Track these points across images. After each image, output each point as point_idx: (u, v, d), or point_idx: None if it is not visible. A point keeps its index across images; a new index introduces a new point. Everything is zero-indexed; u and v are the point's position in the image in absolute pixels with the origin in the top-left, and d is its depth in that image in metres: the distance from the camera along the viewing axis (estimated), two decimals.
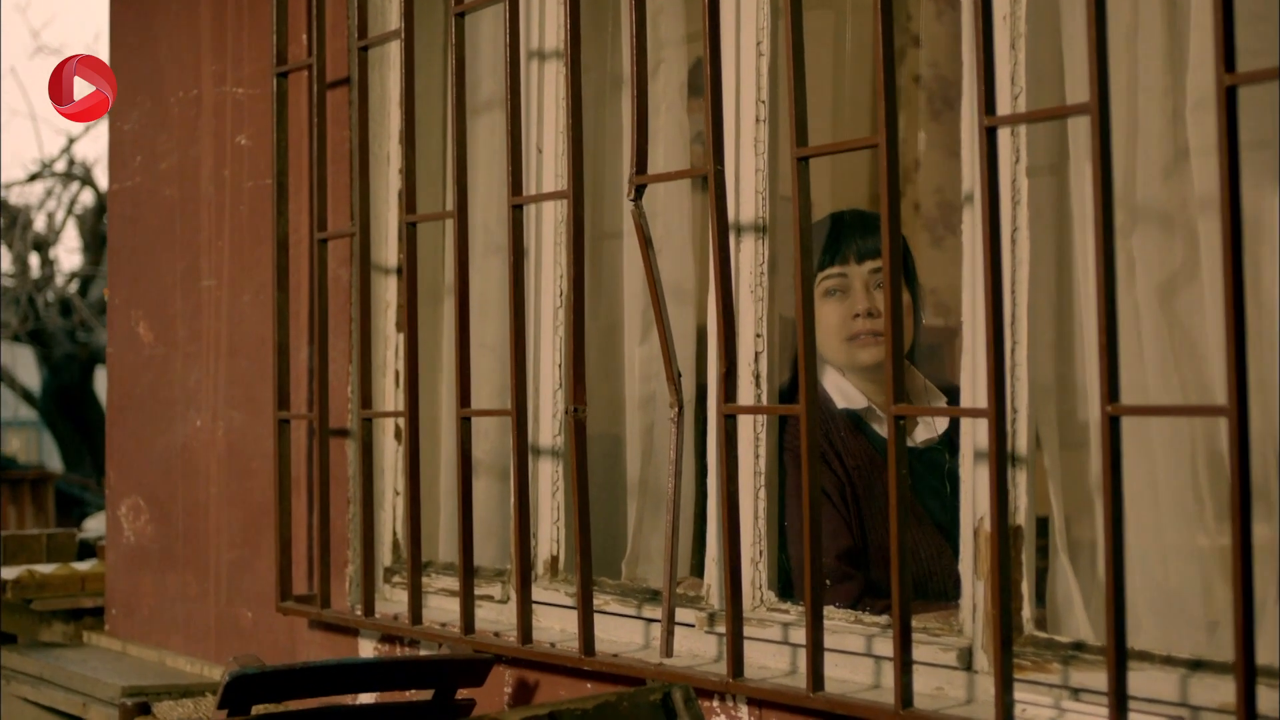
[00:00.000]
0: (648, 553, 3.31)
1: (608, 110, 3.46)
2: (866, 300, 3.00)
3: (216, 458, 4.11)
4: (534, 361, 3.26)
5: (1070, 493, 2.46)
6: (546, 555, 3.23)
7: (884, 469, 2.96)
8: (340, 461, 3.64)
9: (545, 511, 3.23)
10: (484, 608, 3.30)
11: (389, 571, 3.61)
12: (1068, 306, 2.51)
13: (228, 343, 4.08)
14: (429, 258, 3.66)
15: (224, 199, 4.11)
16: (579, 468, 2.85)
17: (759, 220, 2.82)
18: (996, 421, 2.19)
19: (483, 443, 3.54)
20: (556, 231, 3.26)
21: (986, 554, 2.42)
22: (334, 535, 3.63)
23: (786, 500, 2.88)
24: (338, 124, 3.66)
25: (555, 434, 3.23)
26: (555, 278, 3.25)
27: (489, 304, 3.58)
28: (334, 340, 3.65)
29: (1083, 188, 2.45)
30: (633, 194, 2.74)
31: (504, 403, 3.50)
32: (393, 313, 3.62)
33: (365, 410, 3.41)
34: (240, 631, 3.98)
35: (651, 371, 3.34)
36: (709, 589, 2.88)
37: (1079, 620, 2.42)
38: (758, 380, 2.82)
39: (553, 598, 3.17)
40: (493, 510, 3.53)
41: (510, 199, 2.97)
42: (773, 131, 2.83)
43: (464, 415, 3.09)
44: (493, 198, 3.61)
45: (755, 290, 2.82)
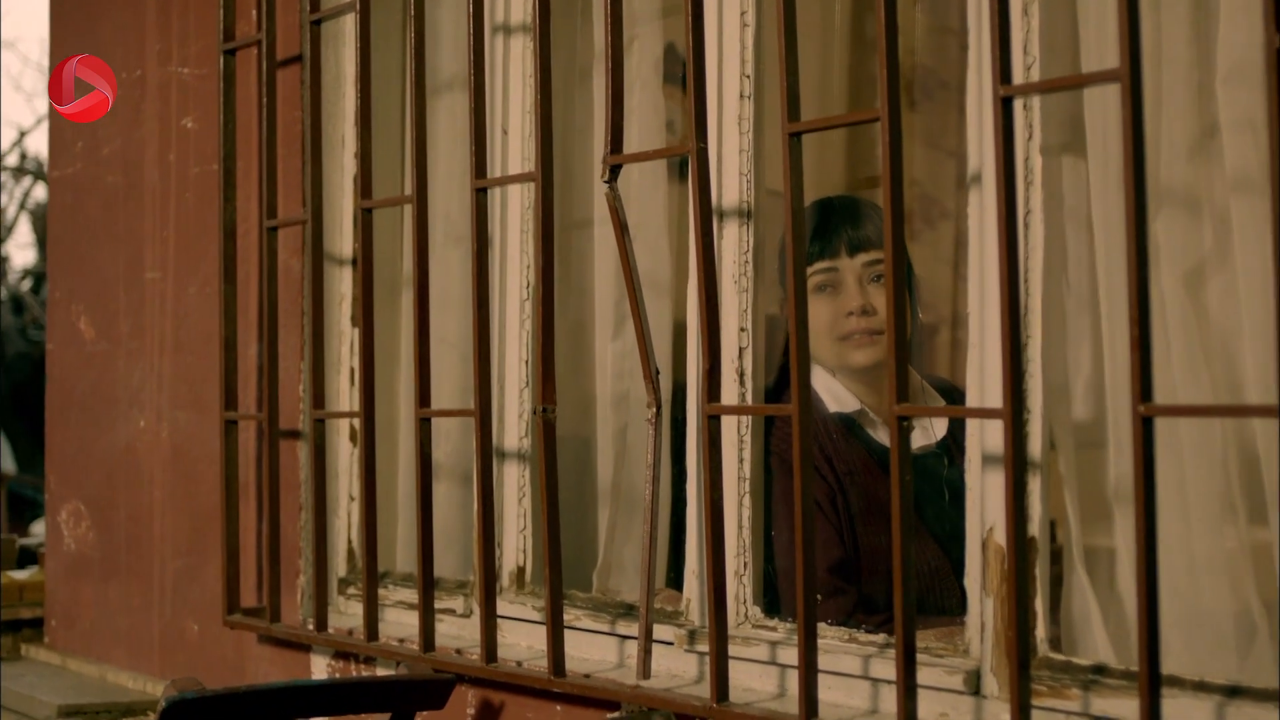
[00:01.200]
0: (621, 563, 3.09)
1: (577, 92, 3.24)
2: (860, 296, 2.78)
3: (161, 461, 3.88)
4: (499, 358, 3.04)
5: (1088, 500, 2.25)
6: (512, 566, 3.01)
7: (878, 475, 2.75)
8: (291, 465, 3.42)
9: (511, 519, 3.02)
10: (445, 622, 3.08)
11: (344, 582, 3.38)
12: (1085, 297, 2.30)
13: (173, 338, 3.85)
14: (386, 247, 3.44)
15: (169, 186, 3.87)
16: (548, 472, 2.63)
17: (743, 204, 2.61)
18: (1013, 423, 1.98)
19: (444, 445, 3.32)
20: (523, 219, 3.04)
21: (997, 568, 2.21)
22: (285, 544, 3.40)
23: (773, 508, 2.66)
24: (289, 105, 3.43)
25: (522, 436, 3.01)
26: (522, 268, 3.03)
27: (450, 297, 3.36)
28: (284, 336, 3.42)
29: (1104, 167, 2.25)
30: (607, 175, 2.52)
31: (466, 402, 3.28)
32: (347, 306, 3.39)
33: (318, 410, 3.18)
34: (186, 646, 3.75)
35: (625, 369, 3.12)
36: (689, 604, 2.66)
37: (1098, 640, 2.21)
38: (741, 378, 2.60)
39: (519, 612, 2.95)
40: (454, 517, 3.31)
41: (474, 182, 2.75)
42: (758, 108, 2.62)
43: (423, 415, 2.87)
44: (454, 184, 3.40)
45: (739, 281, 2.61)
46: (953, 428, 2.85)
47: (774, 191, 2.89)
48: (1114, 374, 2.23)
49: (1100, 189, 2.26)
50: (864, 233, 2.83)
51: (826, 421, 2.78)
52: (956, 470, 2.84)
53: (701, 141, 2.40)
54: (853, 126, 2.89)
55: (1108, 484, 2.24)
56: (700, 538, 2.63)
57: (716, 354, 2.40)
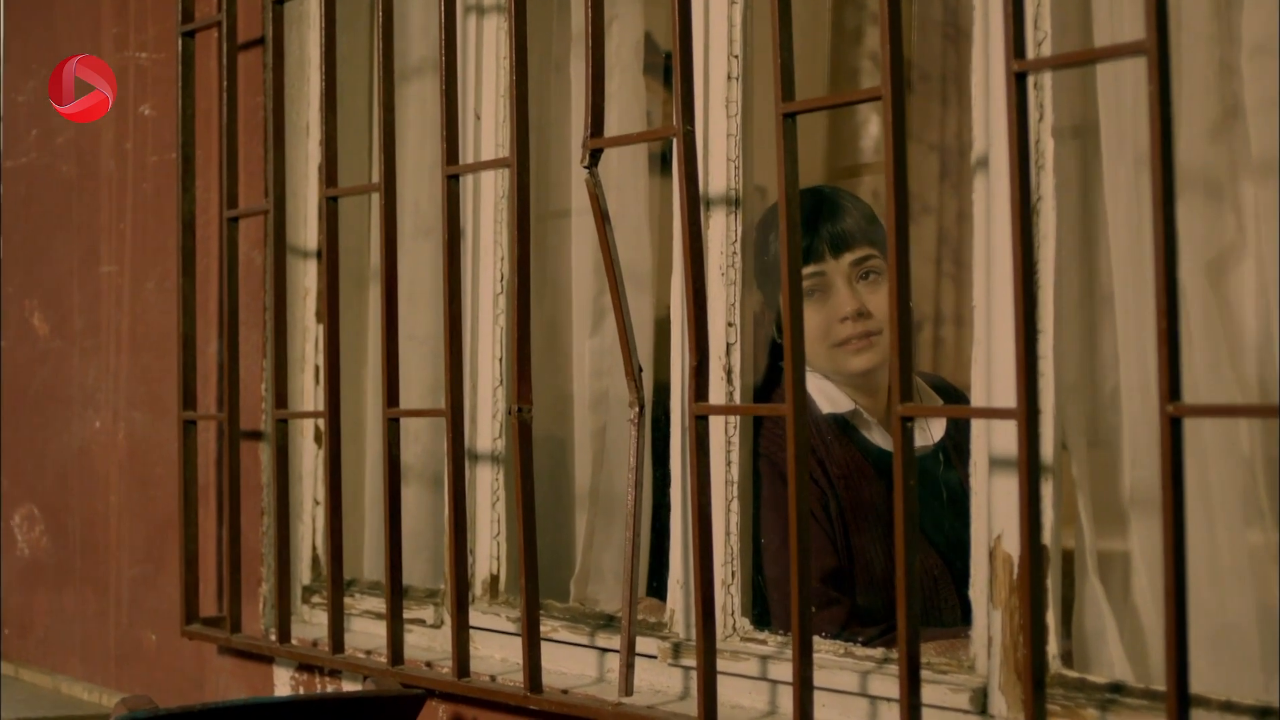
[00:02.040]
0: (599, 571, 2.94)
1: (553, 80, 3.08)
2: (853, 299, 2.63)
3: (117, 463, 3.71)
4: (471, 355, 2.88)
5: (1102, 506, 2.11)
6: (485, 574, 2.86)
7: (873, 479, 2.61)
8: (253, 467, 3.26)
9: (484, 524, 2.86)
10: (414, 633, 2.93)
11: (308, 591, 3.23)
12: (1097, 290, 2.16)
13: (129, 335, 3.68)
14: (353, 239, 3.28)
15: (126, 176, 3.71)
16: (524, 475, 2.48)
17: (730, 192, 2.46)
18: (1028, 423, 1.84)
19: (413, 446, 3.17)
20: (497, 209, 2.89)
21: (1005, 578, 2.07)
22: (246, 550, 3.24)
23: (762, 513, 2.52)
24: (250, 90, 3.27)
25: (495, 437, 2.86)
26: (495, 260, 2.88)
27: (420, 291, 3.21)
28: (245, 332, 3.26)
29: (1117, 150, 2.10)
30: (587, 160, 2.37)
31: (437, 401, 3.13)
32: (312, 300, 3.24)
33: (281, 410, 3.02)
34: (143, 656, 3.58)
35: (604, 366, 2.97)
36: (673, 615, 2.51)
37: (1113, 656, 2.07)
38: (729, 376, 2.46)
39: (492, 623, 2.80)
40: (424, 522, 3.15)
41: (445, 168, 2.59)
42: (747, 90, 2.47)
43: (392, 416, 2.72)
44: (424, 173, 3.24)
45: (726, 273, 2.46)
46: (951, 428, 2.71)
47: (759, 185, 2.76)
48: (1129, 371, 2.09)
49: (1113, 174, 2.11)
50: (844, 228, 2.67)
51: (819, 423, 2.64)
52: (954, 473, 2.70)
53: (689, 124, 2.25)
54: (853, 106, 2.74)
55: (1122, 488, 2.10)
56: (686, 545, 2.48)
57: (704, 350, 2.25)
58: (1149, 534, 2.05)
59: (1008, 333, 2.05)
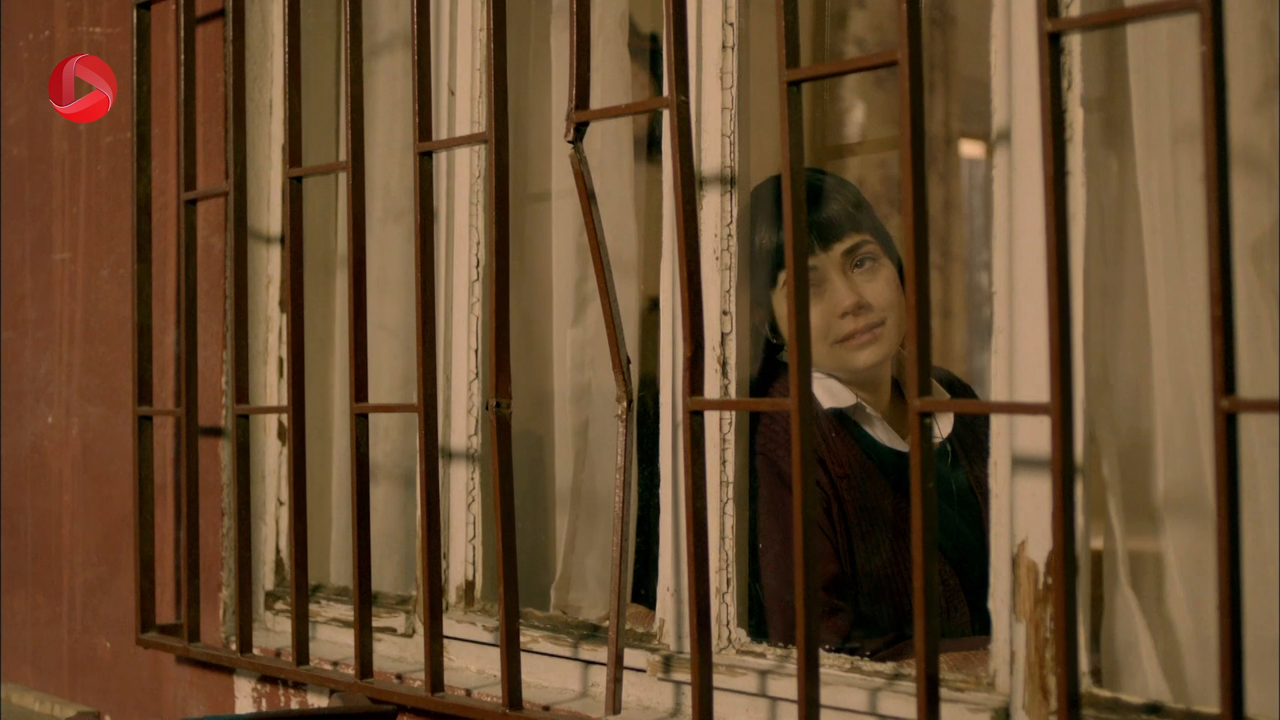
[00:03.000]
0: (581, 576, 2.76)
1: (531, 54, 2.90)
2: (851, 293, 2.45)
3: (70, 460, 3.52)
4: (445, 346, 2.70)
5: (1133, 508, 1.94)
6: (460, 580, 2.68)
7: (877, 478, 2.44)
8: (213, 466, 3.07)
9: (459, 527, 2.68)
10: (384, 642, 2.75)
11: (271, 596, 3.04)
12: (1124, 274, 1.99)
13: (83, 326, 3.49)
14: (319, 223, 3.11)
15: (79, 158, 3.51)
16: (502, 474, 2.30)
17: (725, 170, 2.29)
18: (1062, 420, 1.67)
19: (383, 443, 2.99)
20: (473, 190, 2.70)
21: (1030, 588, 1.90)
22: (205, 553, 3.05)
23: (759, 516, 2.35)
24: (210, 65, 3.08)
25: (471, 433, 2.68)
26: (471, 244, 2.70)
27: (390, 278, 3.03)
28: (205, 321, 3.08)
29: (1148, 121, 1.93)
30: (571, 134, 2.19)
31: (409, 396, 2.95)
32: (275, 288, 3.05)
33: (242, 405, 2.84)
34: (97, 665, 3.39)
35: (586, 358, 2.79)
36: (662, 625, 2.34)
37: (1148, 673, 1.90)
38: (724, 368, 2.28)
39: (468, 632, 2.62)
40: (395, 524, 2.97)
41: (417, 145, 2.41)
42: (743, 61, 2.29)
43: (360, 411, 2.53)
44: (394, 155, 3.06)
45: (720, 257, 2.29)
46: (958, 425, 2.54)
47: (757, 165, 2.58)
48: (1163, 363, 1.92)
49: (1145, 147, 1.94)
50: (831, 215, 2.49)
51: (819, 418, 2.46)
52: (962, 472, 2.54)
53: (683, 94, 2.07)
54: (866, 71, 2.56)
55: (1155, 489, 1.93)
56: (677, 550, 2.31)
57: (699, 340, 2.07)
58: (1186, 538, 1.89)
59: (1034, 320, 1.89)
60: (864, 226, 2.48)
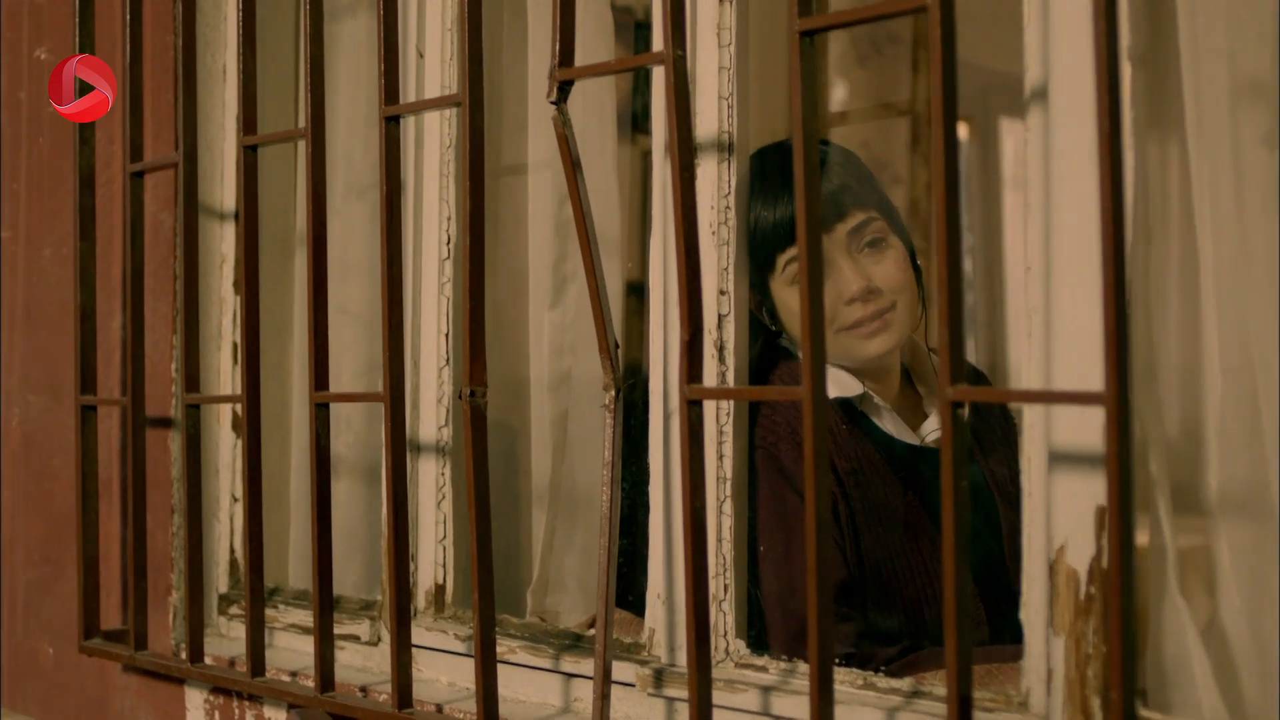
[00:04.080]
0: (560, 579, 2.56)
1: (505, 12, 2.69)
2: (858, 276, 2.24)
3: (10, 453, 3.29)
4: (413, 330, 2.50)
5: (1183, 509, 1.75)
6: (429, 584, 2.47)
7: (887, 474, 2.24)
8: (162, 459, 2.85)
9: (428, 526, 2.48)
10: (347, 651, 2.54)
11: (225, 600, 2.83)
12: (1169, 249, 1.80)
13: (24, 310, 3.26)
14: (277, 202, 2.90)
15: (20, 130, 3.28)
16: (476, 469, 2.09)
17: (722, 136, 2.08)
18: (1119, 410, 1.47)
19: (345, 435, 2.78)
20: (443, 162, 2.50)
21: (1069, 598, 1.70)
22: (154, 554, 2.84)
23: (759, 516, 2.15)
24: (159, 28, 2.86)
25: (441, 424, 2.48)
26: (441, 220, 2.49)
27: (353, 259, 2.82)
28: (153, 304, 2.86)
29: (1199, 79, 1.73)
30: (554, 94, 1.98)
31: (373, 384, 2.74)
32: (229, 268, 2.84)
33: (192, 394, 2.62)
34: (38, 673, 3.17)
35: (565, 343, 2.59)
36: (652, 635, 2.14)
37: (1201, 692, 1.70)
38: (721, 353, 2.08)
39: (438, 640, 2.41)
40: (358, 523, 2.76)
41: (383, 109, 2.20)
42: (742, 16, 2.09)
43: (320, 400, 2.32)
44: (357, 128, 2.85)
45: (717, 231, 2.09)
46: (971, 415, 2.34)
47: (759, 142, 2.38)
48: (1217, 347, 1.73)
49: (1197, 107, 1.74)
50: (833, 189, 2.28)
51: None
52: (977, 468, 2.34)
53: (679, 48, 1.86)
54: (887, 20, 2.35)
55: (1207, 488, 1.74)
56: (669, 553, 2.11)
57: (698, 322, 1.86)
58: (1244, 542, 1.69)
59: (1075, 300, 1.69)
60: (870, 202, 2.28)
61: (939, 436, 2.28)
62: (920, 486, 2.26)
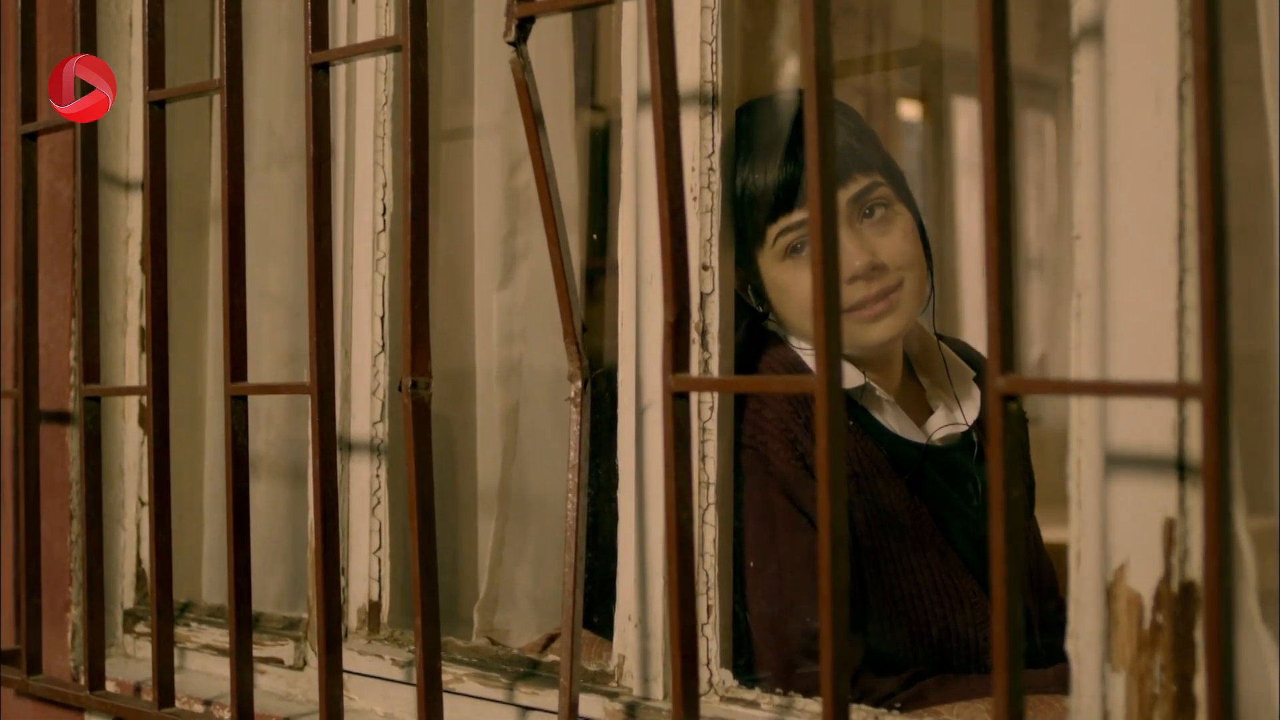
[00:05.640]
0: (510, 594, 2.28)
1: None
2: (861, 251, 1.95)
3: None
4: (343, 313, 2.21)
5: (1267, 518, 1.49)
6: (362, 600, 2.18)
7: (890, 477, 1.97)
8: (59, 458, 2.55)
9: (361, 534, 2.19)
10: (269, 676, 2.25)
11: (131, 617, 2.53)
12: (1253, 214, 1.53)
13: None
14: (190, 173, 2.61)
15: None
16: (420, 469, 1.80)
17: (705, 86, 1.81)
18: (1218, 404, 1.20)
19: (266, 431, 2.48)
20: (378, 121, 2.21)
21: (1131, 628, 1.44)
22: (50, 565, 2.53)
23: (747, 526, 1.87)
24: None
25: (376, 419, 2.19)
26: (376, 187, 2.20)
27: (276, 236, 2.53)
28: (49, 284, 2.55)
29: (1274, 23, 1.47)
30: (512, 34, 1.69)
31: (298, 374, 2.45)
32: (135, 244, 2.54)
33: (93, 385, 2.32)
34: None
35: (516, 329, 2.30)
36: (622, 663, 1.86)
37: None
38: (704, 338, 1.80)
39: (372, 665, 2.12)
40: (280, 530, 2.46)
41: (310, 56, 1.90)
42: None
43: (237, 392, 2.02)
44: (280, 91, 2.56)
45: (699, 197, 1.81)
46: (982, 412, 2.08)
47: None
48: None
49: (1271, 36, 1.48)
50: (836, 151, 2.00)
51: None
52: (981, 468, 2.07)
53: None
54: None
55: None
56: (641, 569, 1.83)
57: (685, 301, 1.58)
58: None
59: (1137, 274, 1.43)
60: (874, 165, 2.00)
61: (947, 434, 2.02)
62: (926, 490, 1.99)
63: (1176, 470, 1.41)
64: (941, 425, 2.03)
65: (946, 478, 2.00)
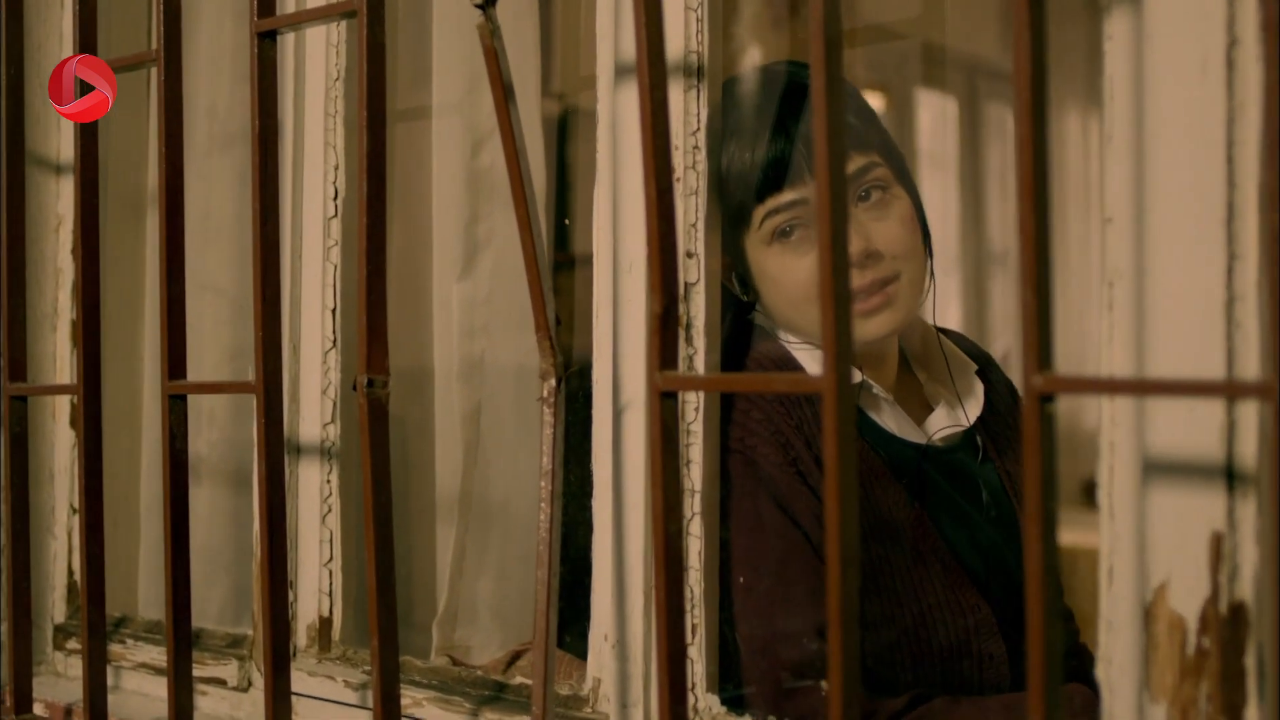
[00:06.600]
0: (471, 608, 2.12)
1: None
2: (856, 237, 1.76)
3: None
4: (292, 305, 2.05)
5: None
6: (312, 616, 2.02)
7: (888, 483, 1.82)
8: None
9: (310, 544, 2.03)
10: (210, 697, 2.09)
11: (62, 632, 2.36)
12: None
13: None
14: (126, 157, 2.45)
15: None
16: (376, 475, 1.64)
17: (689, 56, 1.66)
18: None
19: (208, 433, 2.33)
20: (329, 99, 2.05)
21: (1173, 653, 1.29)
22: None
23: (734, 537, 1.72)
24: None
25: (327, 421, 2.03)
26: (327, 170, 2.04)
27: (219, 224, 2.37)
28: None
29: None
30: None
31: (242, 372, 2.28)
32: (66, 232, 2.37)
33: (19, 383, 2.15)
34: None
35: (478, 323, 2.15)
36: (597, 686, 1.71)
37: None
38: (689, 332, 1.66)
39: (322, 687, 1.96)
40: (223, 539, 2.31)
41: (256, 23, 1.74)
42: None
43: (175, 391, 1.86)
44: (222, 70, 2.41)
45: (684, 177, 1.66)
46: (987, 411, 1.93)
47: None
48: None
49: None
50: None
51: (807, 403, 1.80)
52: (993, 471, 1.93)
53: None
54: None
55: None
56: (619, 586, 1.68)
57: (673, 291, 1.43)
58: None
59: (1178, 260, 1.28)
60: (871, 144, 1.85)
61: (948, 434, 1.88)
62: (927, 495, 1.84)
63: (1225, 478, 1.27)
64: (943, 424, 1.88)
65: (948, 480, 1.85)
